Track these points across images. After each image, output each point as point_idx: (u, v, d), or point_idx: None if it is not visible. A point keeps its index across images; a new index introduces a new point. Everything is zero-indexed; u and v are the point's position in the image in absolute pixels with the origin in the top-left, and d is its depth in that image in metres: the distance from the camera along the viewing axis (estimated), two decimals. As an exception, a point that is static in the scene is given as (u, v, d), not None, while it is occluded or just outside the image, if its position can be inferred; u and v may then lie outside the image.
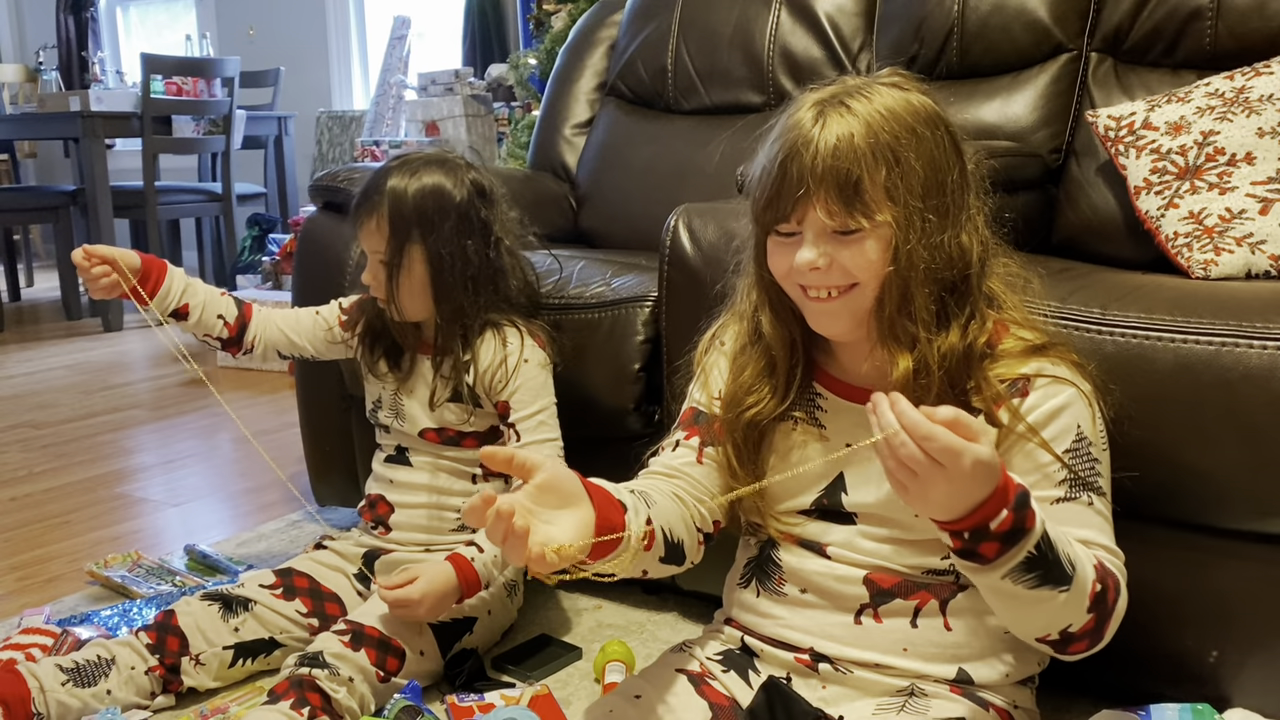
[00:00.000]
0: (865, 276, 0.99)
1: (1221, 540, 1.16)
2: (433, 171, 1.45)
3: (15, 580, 1.83)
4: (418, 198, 1.43)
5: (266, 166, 5.02)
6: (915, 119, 0.99)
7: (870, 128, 0.97)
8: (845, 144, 0.96)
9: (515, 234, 1.53)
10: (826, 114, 0.98)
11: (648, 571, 1.05)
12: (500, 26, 4.73)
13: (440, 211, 1.43)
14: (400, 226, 1.42)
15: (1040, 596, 0.90)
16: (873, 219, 0.97)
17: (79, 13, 6.19)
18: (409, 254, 1.43)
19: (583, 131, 2.34)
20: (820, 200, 0.97)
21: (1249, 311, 1.13)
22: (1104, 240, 1.61)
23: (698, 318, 1.26)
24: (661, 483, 1.11)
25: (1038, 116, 1.75)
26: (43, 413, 3.00)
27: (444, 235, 1.43)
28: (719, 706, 1.08)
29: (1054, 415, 1.00)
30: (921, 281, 0.98)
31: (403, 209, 1.42)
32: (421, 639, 1.36)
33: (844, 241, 0.98)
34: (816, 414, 1.10)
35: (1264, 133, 1.42)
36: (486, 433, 1.52)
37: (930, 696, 1.04)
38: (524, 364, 1.46)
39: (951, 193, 1.00)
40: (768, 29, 2.09)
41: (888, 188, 0.97)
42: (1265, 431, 1.09)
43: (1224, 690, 1.19)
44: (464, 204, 1.45)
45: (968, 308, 1.02)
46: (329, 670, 1.25)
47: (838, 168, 0.96)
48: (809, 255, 0.99)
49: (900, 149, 0.97)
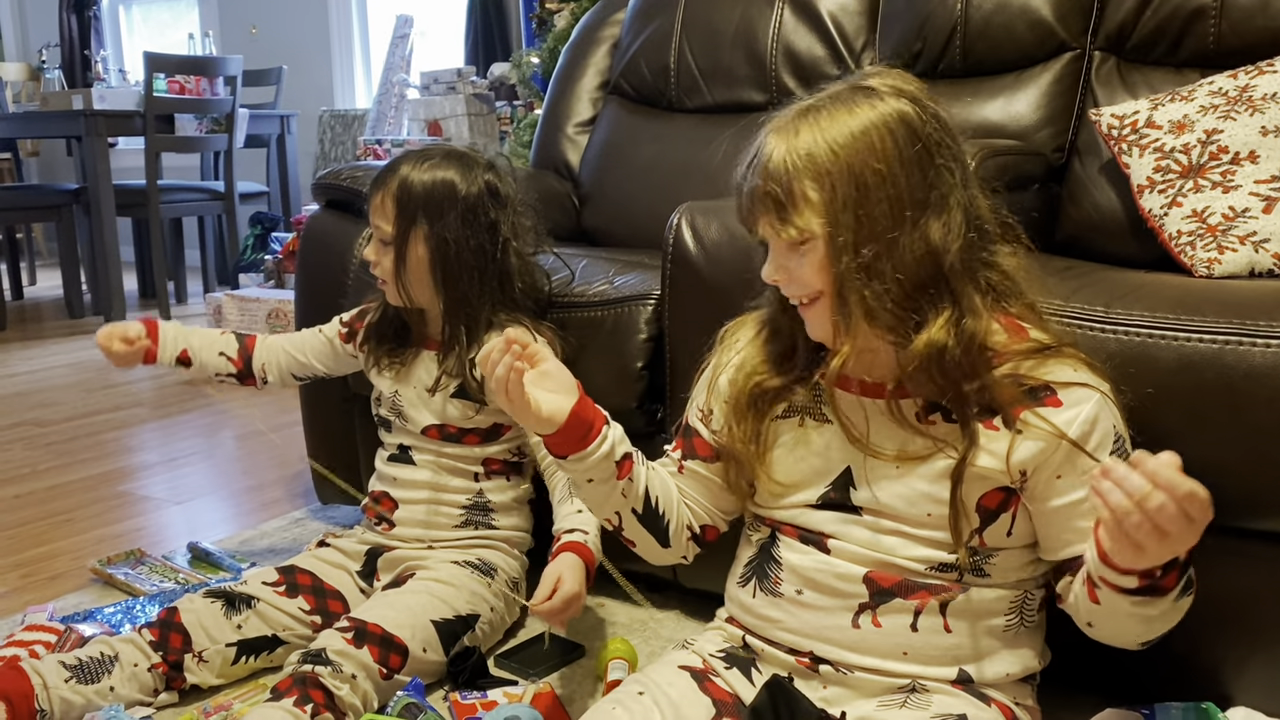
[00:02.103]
0: (820, 286, 1.02)
1: (1224, 539, 1.15)
2: (448, 166, 1.47)
3: (19, 577, 1.83)
4: (427, 186, 1.45)
5: (269, 165, 5.02)
6: (875, 130, 0.99)
7: (811, 145, 0.99)
8: (778, 163, 1.01)
9: (529, 240, 1.54)
10: (775, 135, 1.02)
11: (623, 529, 1.15)
12: (503, 25, 4.73)
13: (447, 201, 1.45)
14: (406, 209, 1.45)
15: (1182, 606, 0.96)
16: (803, 230, 1.00)
17: (81, 11, 6.20)
18: (412, 237, 1.45)
19: (585, 130, 2.34)
20: (762, 216, 1.03)
21: (1252, 310, 1.13)
22: (1107, 239, 1.60)
23: (701, 316, 1.26)
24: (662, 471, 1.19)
25: (1041, 115, 1.75)
26: (46, 410, 3.01)
27: (448, 224, 1.44)
28: (722, 703, 1.09)
29: (1092, 424, 1.00)
30: (881, 289, 0.99)
31: (411, 193, 1.45)
32: (424, 636, 1.36)
33: (798, 253, 1.03)
34: (822, 408, 1.10)
35: (1267, 131, 1.42)
36: (489, 430, 1.52)
37: (931, 693, 1.04)
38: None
39: (909, 190, 0.99)
40: (770, 28, 2.09)
41: (821, 201, 0.99)
42: (1268, 430, 1.09)
43: (1227, 689, 1.19)
44: (472, 200, 1.46)
45: (947, 302, 1.00)
46: (332, 667, 1.25)
47: (768, 187, 1.01)
48: (767, 269, 1.07)
49: (833, 165, 0.99)
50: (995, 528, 1.04)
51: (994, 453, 1.01)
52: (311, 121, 5.24)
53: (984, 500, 1.03)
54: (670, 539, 1.17)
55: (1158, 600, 0.93)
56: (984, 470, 1.01)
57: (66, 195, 4.50)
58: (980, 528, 1.03)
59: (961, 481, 1.01)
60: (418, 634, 1.35)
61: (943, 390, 1.02)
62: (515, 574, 1.53)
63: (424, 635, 1.36)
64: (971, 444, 1.01)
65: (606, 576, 1.66)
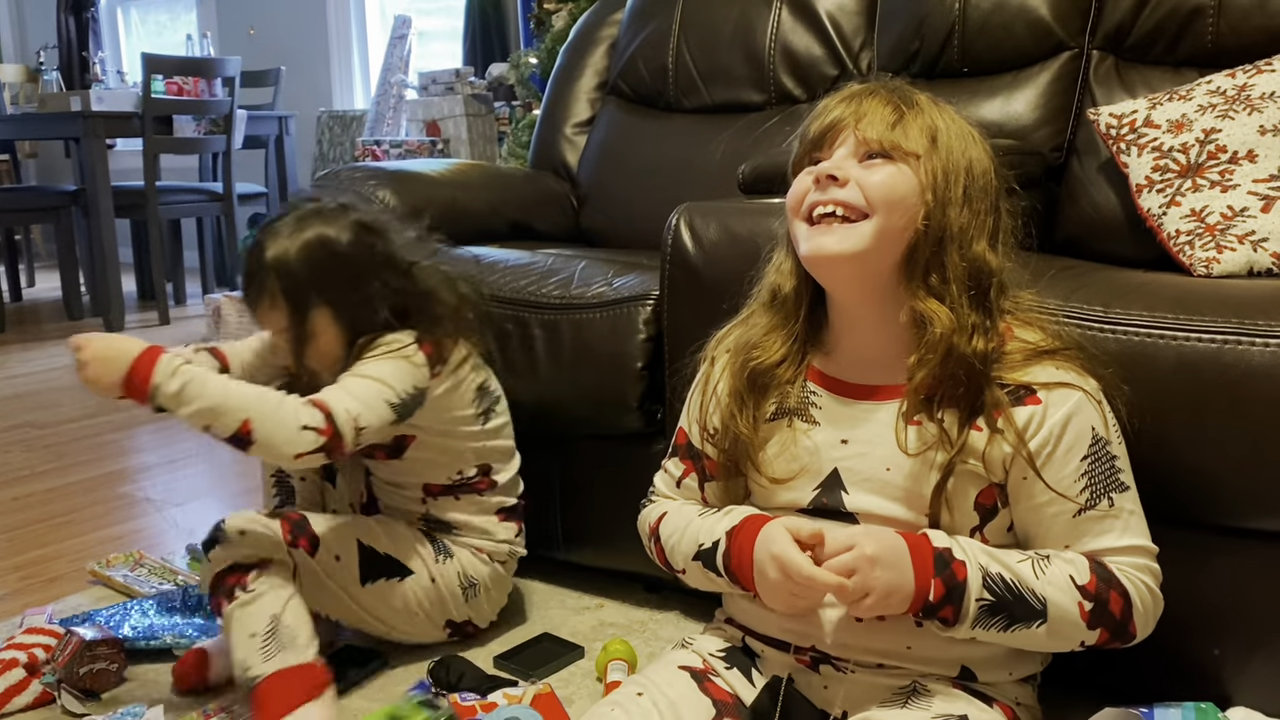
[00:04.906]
0: (880, 208, 1.00)
1: (1224, 538, 1.16)
2: (308, 225, 1.36)
3: (18, 580, 1.83)
4: (303, 255, 1.33)
5: (267, 166, 5.02)
6: (969, 133, 1.07)
7: (926, 105, 1.05)
8: (899, 89, 1.05)
9: (425, 251, 1.46)
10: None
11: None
12: (501, 26, 4.73)
13: (332, 261, 1.34)
14: (296, 294, 1.34)
15: (1018, 636, 0.99)
16: (906, 152, 1.01)
17: (79, 13, 6.19)
18: (315, 320, 1.35)
19: (584, 130, 2.33)
20: (864, 119, 1.02)
21: (1251, 309, 1.13)
22: (1106, 238, 1.60)
23: (699, 316, 1.26)
24: (683, 504, 1.20)
25: (1039, 114, 1.75)
26: (45, 412, 3.00)
27: (344, 285, 1.35)
28: (722, 703, 1.08)
29: (1065, 425, 1.00)
30: (952, 245, 1.00)
31: (292, 274, 1.33)
32: (343, 548, 1.39)
33: (870, 167, 1.01)
34: (810, 410, 1.10)
35: (1266, 130, 1.42)
36: (391, 445, 1.45)
37: (933, 693, 1.04)
38: (386, 345, 1.36)
39: (992, 206, 1.04)
40: (769, 28, 2.09)
41: (930, 135, 1.02)
42: (1267, 429, 1.09)
43: (1227, 688, 1.19)
44: (354, 245, 1.36)
45: (982, 307, 1.02)
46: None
47: (888, 95, 1.04)
48: (828, 163, 1.02)
49: (950, 140, 1.03)
50: (995, 524, 1.04)
51: (977, 452, 1.01)
52: (310, 122, 5.24)
53: (980, 498, 1.03)
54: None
55: (959, 628, 0.99)
56: (974, 468, 1.02)
57: (65, 197, 4.49)
58: (980, 525, 1.04)
59: (950, 477, 1.01)
60: (340, 541, 1.38)
61: (940, 390, 1.02)
62: (479, 576, 1.48)
63: (344, 547, 1.39)
64: (963, 445, 1.01)
65: (606, 576, 1.67)
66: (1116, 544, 1.02)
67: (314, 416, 1.26)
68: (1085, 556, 1.01)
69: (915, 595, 0.97)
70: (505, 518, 1.53)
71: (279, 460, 1.32)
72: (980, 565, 0.98)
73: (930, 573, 0.97)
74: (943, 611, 0.98)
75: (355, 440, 1.29)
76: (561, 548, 1.69)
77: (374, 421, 1.31)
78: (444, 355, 1.41)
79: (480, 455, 1.49)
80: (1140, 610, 1.01)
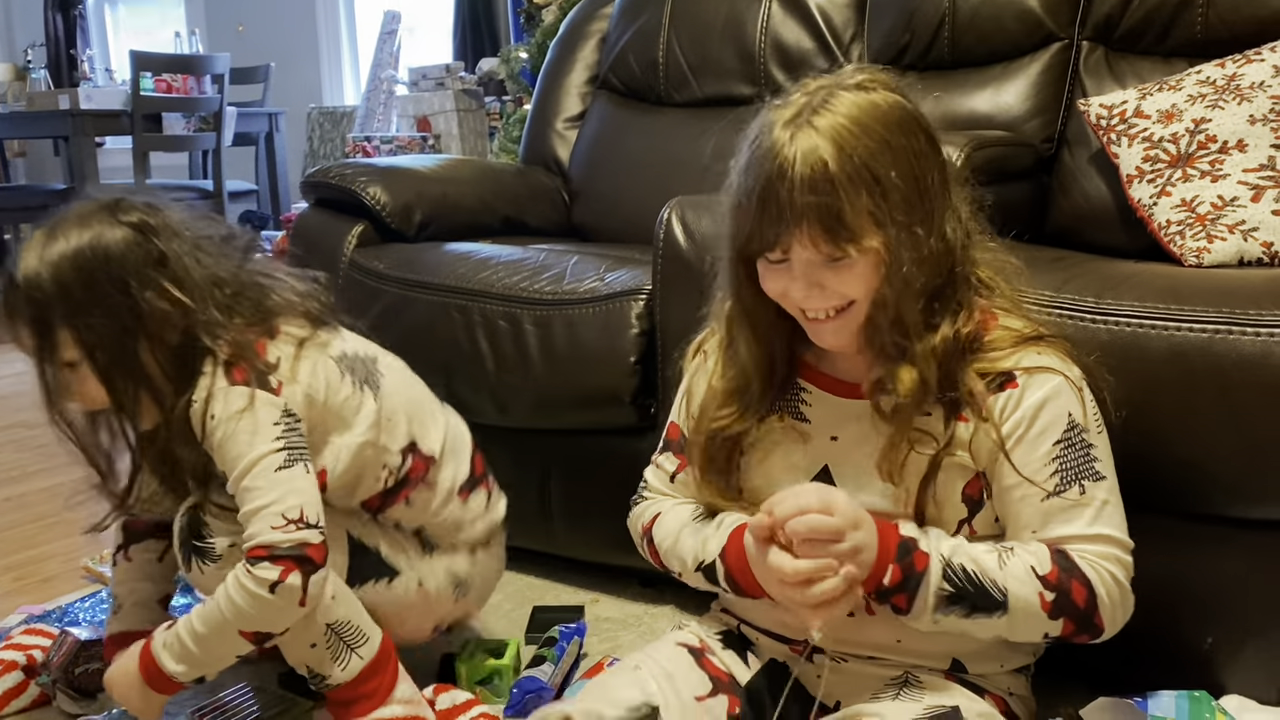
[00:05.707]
0: (859, 295, 0.99)
1: (1215, 527, 1.16)
2: (68, 231, 1.15)
3: (11, 580, 1.83)
4: (61, 269, 1.13)
5: (258, 163, 5.00)
6: (886, 126, 0.96)
7: (842, 150, 0.93)
8: (820, 174, 0.92)
9: (243, 245, 1.27)
10: (796, 138, 0.94)
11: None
12: (491, 20, 4.72)
13: (99, 270, 1.13)
14: (86, 326, 1.14)
15: (980, 624, 0.98)
16: (860, 245, 0.95)
17: (67, 10, 6.16)
18: (120, 349, 1.15)
19: (575, 125, 2.33)
20: (803, 234, 0.94)
21: (1241, 299, 1.13)
22: (1097, 229, 1.61)
23: (692, 309, 1.26)
24: (676, 504, 1.17)
25: (1029, 106, 1.75)
26: (35, 413, 2.96)
27: (117, 298, 1.14)
28: (718, 680, 1.09)
29: (1040, 409, 1.00)
30: (915, 295, 0.98)
31: (45, 292, 1.13)
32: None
33: (834, 268, 0.97)
34: (800, 408, 1.09)
35: (1255, 120, 1.43)
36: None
37: (925, 684, 1.04)
38: (210, 420, 1.15)
39: (934, 196, 0.99)
40: (759, 20, 2.09)
41: (871, 212, 0.94)
42: (1258, 418, 1.09)
43: (1219, 677, 1.19)
44: (129, 246, 1.15)
45: (954, 300, 1.01)
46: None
47: (817, 202, 0.93)
48: (799, 292, 0.99)
49: (877, 166, 0.94)
50: (983, 515, 1.04)
51: (964, 443, 1.01)
52: (300, 119, 5.22)
53: (968, 490, 1.03)
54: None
55: (918, 618, 0.98)
56: (961, 460, 1.01)
57: (54, 195, 4.47)
58: (969, 517, 1.03)
59: (938, 470, 1.01)
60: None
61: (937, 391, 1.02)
62: (483, 537, 1.36)
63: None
64: (950, 437, 1.01)
65: (604, 572, 1.66)
66: (1084, 531, 0.99)
67: (264, 571, 1.10)
68: (1048, 546, 1.00)
69: (872, 574, 0.97)
70: (468, 493, 1.33)
71: (297, 619, 1.15)
72: (943, 556, 0.97)
73: (891, 557, 0.97)
74: (896, 598, 0.98)
75: (319, 529, 1.13)
76: (556, 542, 1.69)
77: (306, 496, 1.13)
78: (264, 364, 1.18)
79: (392, 429, 1.26)
80: (1106, 602, 0.99)
